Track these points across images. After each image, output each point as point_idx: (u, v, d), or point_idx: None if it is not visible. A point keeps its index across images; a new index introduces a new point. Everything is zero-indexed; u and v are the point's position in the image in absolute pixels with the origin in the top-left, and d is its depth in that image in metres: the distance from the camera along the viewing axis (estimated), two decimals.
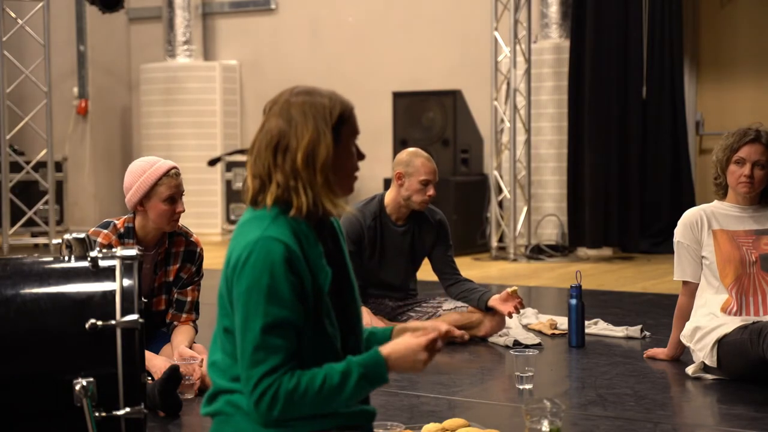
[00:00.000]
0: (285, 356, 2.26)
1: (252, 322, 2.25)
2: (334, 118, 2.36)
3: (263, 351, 2.25)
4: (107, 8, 10.08)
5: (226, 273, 2.33)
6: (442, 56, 10.18)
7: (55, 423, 2.57)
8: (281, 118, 2.35)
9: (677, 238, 4.36)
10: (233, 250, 2.33)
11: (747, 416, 3.63)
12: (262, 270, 2.25)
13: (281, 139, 2.34)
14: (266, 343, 2.25)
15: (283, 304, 2.26)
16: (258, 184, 2.37)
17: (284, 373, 2.25)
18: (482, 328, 5.08)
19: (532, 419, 2.86)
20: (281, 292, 2.25)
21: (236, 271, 2.29)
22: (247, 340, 2.26)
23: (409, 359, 2.34)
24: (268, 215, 2.34)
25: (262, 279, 2.25)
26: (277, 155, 2.34)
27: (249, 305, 2.26)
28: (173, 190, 3.97)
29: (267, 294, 2.25)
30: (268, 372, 2.24)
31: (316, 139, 2.33)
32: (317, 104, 2.36)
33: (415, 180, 4.94)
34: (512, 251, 8.93)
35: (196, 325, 4.22)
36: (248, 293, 2.26)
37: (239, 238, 2.33)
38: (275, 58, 11.10)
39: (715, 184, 4.35)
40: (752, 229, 4.26)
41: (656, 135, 8.96)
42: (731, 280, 4.17)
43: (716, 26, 9.33)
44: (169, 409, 3.67)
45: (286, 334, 2.26)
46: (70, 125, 11.62)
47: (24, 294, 2.59)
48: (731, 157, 4.23)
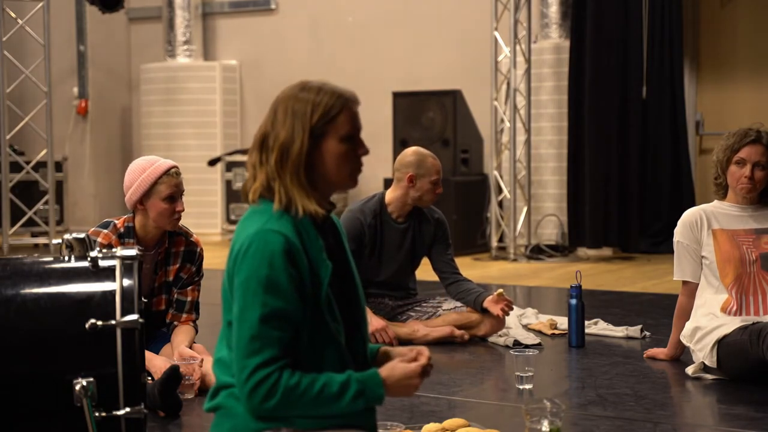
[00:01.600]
0: (281, 348, 2.26)
1: (249, 312, 2.26)
2: (316, 116, 2.36)
3: (259, 341, 2.25)
4: (107, 8, 10.08)
5: (228, 265, 2.34)
6: (442, 56, 10.18)
7: (55, 423, 2.57)
8: (269, 115, 2.39)
9: (677, 238, 4.36)
10: (235, 243, 2.34)
11: (747, 416, 3.63)
12: (261, 261, 2.26)
13: (266, 136, 2.37)
14: (262, 334, 2.25)
15: (281, 296, 2.26)
16: (250, 175, 2.41)
17: (281, 367, 2.25)
18: (482, 327, 5.08)
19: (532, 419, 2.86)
20: (280, 284, 2.26)
21: (236, 262, 2.30)
22: (243, 329, 2.26)
23: (404, 383, 2.36)
24: (269, 210, 2.35)
25: (261, 270, 2.26)
26: (262, 152, 2.37)
27: (247, 295, 2.27)
28: (173, 188, 3.97)
29: (265, 285, 2.26)
30: (263, 363, 2.24)
31: (290, 137, 2.35)
32: (301, 101, 2.36)
33: (427, 180, 4.99)
34: (512, 251, 8.93)
35: (196, 325, 4.22)
36: (246, 283, 2.27)
37: (241, 230, 2.35)
38: (275, 58, 11.10)
39: (716, 184, 4.35)
40: (752, 228, 4.26)
41: (656, 135, 8.96)
42: (731, 280, 4.17)
43: (716, 26, 9.34)
44: (169, 409, 3.67)
45: (283, 325, 2.27)
46: (70, 125, 11.62)
47: (24, 294, 2.59)
48: (732, 158, 4.23)
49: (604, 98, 8.76)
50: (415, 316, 5.15)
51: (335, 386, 2.28)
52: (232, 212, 10.18)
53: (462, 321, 5.08)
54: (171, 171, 3.99)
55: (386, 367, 2.38)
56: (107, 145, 11.81)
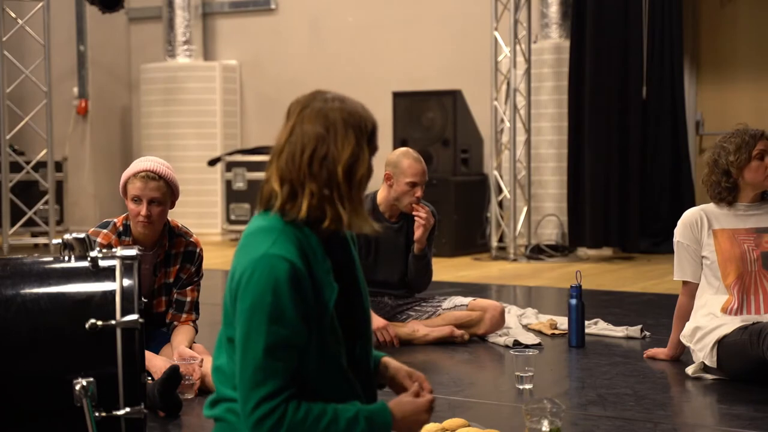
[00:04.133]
0: (285, 379, 2.20)
1: (253, 342, 2.20)
2: (368, 131, 2.30)
3: (263, 372, 2.19)
4: (107, 8, 10.07)
5: (231, 286, 2.28)
6: (442, 56, 10.17)
7: (55, 423, 2.57)
8: (318, 125, 2.27)
9: (677, 238, 4.36)
10: (238, 264, 2.27)
11: (747, 416, 3.63)
12: (265, 288, 2.19)
13: (318, 146, 2.26)
14: (267, 365, 2.19)
15: (286, 324, 2.20)
16: (287, 190, 2.28)
17: (287, 399, 2.20)
18: (482, 326, 5.09)
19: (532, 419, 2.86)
20: (284, 312, 2.19)
21: (240, 287, 2.23)
22: (247, 359, 2.21)
23: (413, 419, 2.34)
24: (276, 227, 2.26)
25: (265, 297, 2.19)
26: (313, 163, 2.26)
27: (251, 323, 2.20)
28: (138, 191, 3.97)
29: (270, 313, 2.19)
30: (268, 396, 2.19)
31: (357, 153, 2.27)
32: (355, 115, 2.28)
33: (402, 181, 4.92)
34: (512, 251, 8.92)
35: (196, 325, 4.22)
36: (251, 311, 2.20)
37: (244, 252, 2.27)
38: (275, 58, 11.10)
39: (723, 188, 4.27)
40: (753, 228, 4.26)
41: (656, 135, 8.96)
42: (733, 278, 4.17)
43: (716, 26, 9.34)
44: (169, 410, 3.67)
45: (288, 355, 2.21)
46: (70, 125, 11.62)
47: (24, 294, 2.58)
48: (752, 154, 4.23)
49: (604, 98, 8.75)
50: (414, 316, 5.15)
51: (342, 422, 2.23)
52: (231, 212, 10.17)
53: (462, 320, 5.08)
54: (140, 174, 3.98)
55: (395, 401, 2.34)
56: (107, 145, 11.81)
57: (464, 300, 5.17)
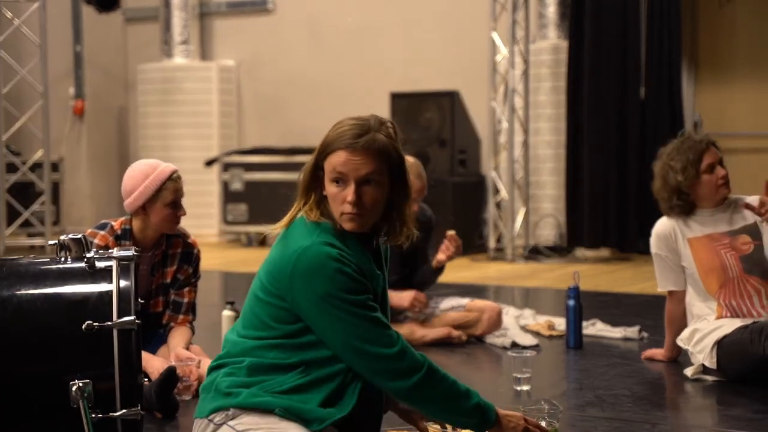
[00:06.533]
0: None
1: (345, 323, 2.37)
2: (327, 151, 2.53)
3: (375, 321, 2.39)
4: (104, 8, 10.06)
5: (272, 269, 2.45)
6: (440, 57, 10.17)
7: (51, 424, 2.56)
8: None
9: (654, 250, 4.35)
10: (284, 253, 2.43)
11: (745, 417, 3.63)
12: (323, 271, 2.36)
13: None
14: (371, 316, 2.38)
15: (360, 287, 2.38)
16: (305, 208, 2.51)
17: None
18: (479, 326, 5.09)
19: None
20: (353, 279, 2.37)
21: (293, 276, 2.38)
22: (358, 330, 2.37)
23: (511, 427, 2.50)
24: (313, 226, 2.45)
25: (332, 279, 2.35)
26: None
27: (333, 309, 2.36)
28: (177, 194, 3.95)
29: (344, 288, 2.36)
30: (396, 334, 2.43)
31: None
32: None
33: None
34: (510, 252, 8.92)
35: (193, 326, 4.21)
36: (327, 299, 2.36)
37: (287, 244, 2.44)
38: (273, 58, 11.09)
39: (676, 206, 4.25)
40: (725, 231, 4.25)
41: (654, 136, 8.93)
42: (716, 288, 4.18)
43: (715, 27, 9.33)
44: (166, 411, 3.66)
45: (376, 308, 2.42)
46: (66, 126, 11.60)
47: (20, 295, 2.57)
48: (699, 169, 4.20)
49: (602, 99, 8.75)
50: (412, 317, 5.15)
51: (462, 387, 2.41)
52: (228, 213, 10.15)
53: (459, 321, 5.08)
54: (174, 176, 3.96)
55: (505, 411, 2.51)
56: (104, 145, 11.79)
57: (462, 301, 5.17)
